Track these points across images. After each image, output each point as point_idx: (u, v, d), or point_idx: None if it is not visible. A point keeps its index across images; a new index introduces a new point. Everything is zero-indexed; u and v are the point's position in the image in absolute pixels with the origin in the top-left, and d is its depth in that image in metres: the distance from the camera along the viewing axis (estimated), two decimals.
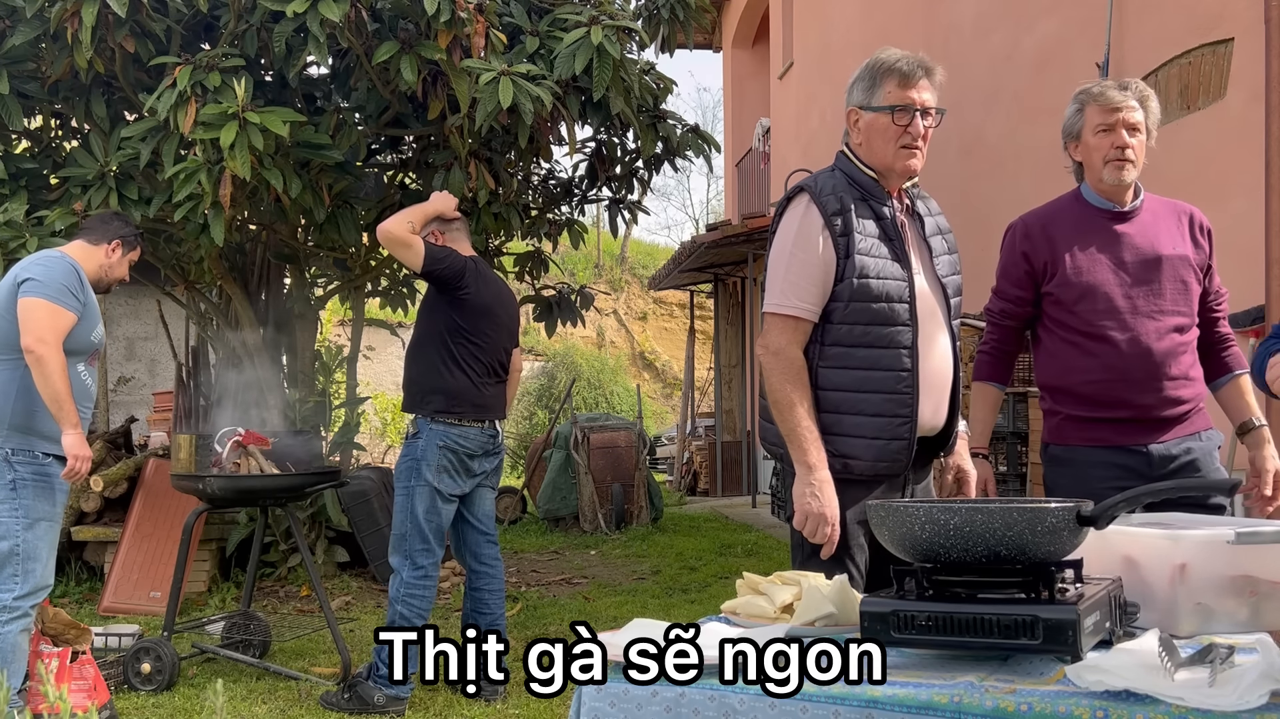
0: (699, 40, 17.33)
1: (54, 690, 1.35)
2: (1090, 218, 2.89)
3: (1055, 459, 2.93)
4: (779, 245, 2.57)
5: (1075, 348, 2.84)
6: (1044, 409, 2.99)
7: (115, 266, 4.25)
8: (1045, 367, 2.95)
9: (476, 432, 4.46)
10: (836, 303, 2.50)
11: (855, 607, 1.75)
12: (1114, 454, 2.81)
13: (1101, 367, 2.80)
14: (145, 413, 9.02)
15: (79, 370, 3.98)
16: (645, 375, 24.63)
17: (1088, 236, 2.87)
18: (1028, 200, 8.01)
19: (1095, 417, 2.82)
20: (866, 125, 2.57)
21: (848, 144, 2.64)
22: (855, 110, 2.59)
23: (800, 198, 2.56)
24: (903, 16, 9.39)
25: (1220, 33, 5.34)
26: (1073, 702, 1.38)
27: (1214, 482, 2.76)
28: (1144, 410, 2.79)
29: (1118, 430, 2.81)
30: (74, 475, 3.88)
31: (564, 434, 10.15)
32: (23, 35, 5.39)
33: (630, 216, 7.63)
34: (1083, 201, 2.93)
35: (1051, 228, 2.92)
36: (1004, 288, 2.99)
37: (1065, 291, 2.84)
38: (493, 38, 5.52)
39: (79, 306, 3.93)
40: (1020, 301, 2.96)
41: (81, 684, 4.05)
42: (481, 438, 4.49)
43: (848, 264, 2.49)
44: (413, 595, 4.33)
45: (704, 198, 45.26)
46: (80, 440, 3.86)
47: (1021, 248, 2.93)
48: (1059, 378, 2.89)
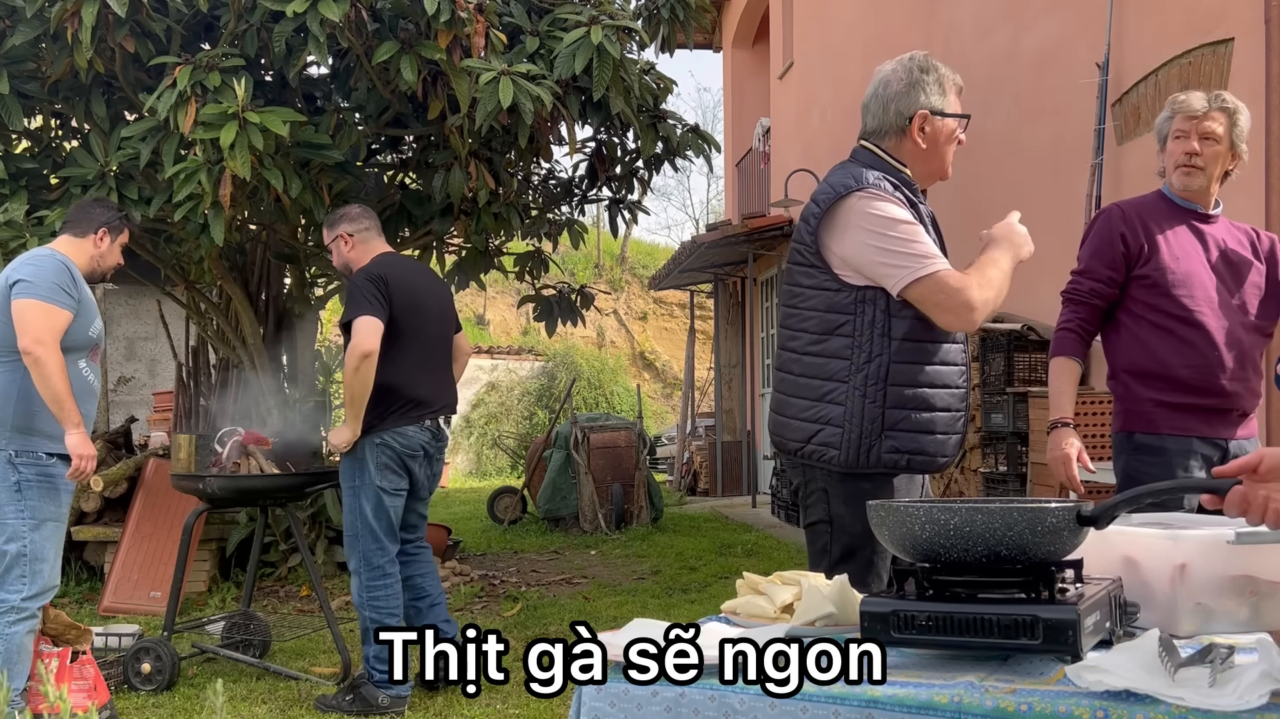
0: (699, 40, 17.32)
1: (54, 690, 1.35)
2: (1179, 214, 3.02)
3: (1142, 448, 2.96)
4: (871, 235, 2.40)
5: (1169, 333, 2.92)
6: (1121, 394, 3.01)
7: (106, 255, 4.17)
8: (1130, 351, 2.99)
9: (415, 429, 4.32)
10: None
11: (855, 607, 1.74)
12: (1200, 445, 2.91)
13: (1195, 352, 2.89)
14: (145, 413, 9.02)
15: (80, 367, 3.96)
16: (645, 375, 24.63)
17: (1179, 229, 2.99)
18: (1028, 200, 8.02)
19: (1189, 403, 2.90)
20: (936, 131, 2.53)
21: (877, 145, 2.56)
22: (926, 115, 2.51)
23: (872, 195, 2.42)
24: (903, 16, 9.39)
25: (1220, 33, 5.34)
26: (1073, 702, 1.38)
27: (1213, 482, 2.76)
28: (1231, 400, 2.90)
29: (1206, 420, 2.91)
30: (79, 475, 3.86)
31: (564, 434, 10.15)
32: (23, 35, 5.39)
33: (630, 216, 7.64)
34: (1168, 200, 3.05)
35: (1145, 215, 3.03)
36: (1095, 268, 3.06)
37: (1162, 276, 2.93)
38: (493, 38, 5.52)
39: (73, 303, 3.90)
40: (1111, 282, 3.03)
41: (81, 684, 4.05)
42: (420, 436, 4.34)
43: None
44: (376, 598, 4.28)
45: (704, 198, 45.26)
46: (84, 439, 3.84)
47: (1119, 229, 3.02)
48: (1152, 362, 2.94)
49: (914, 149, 2.54)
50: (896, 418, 2.43)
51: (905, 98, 2.52)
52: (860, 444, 2.43)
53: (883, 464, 2.43)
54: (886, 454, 2.42)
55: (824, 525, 2.48)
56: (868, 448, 2.42)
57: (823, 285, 2.48)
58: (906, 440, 2.44)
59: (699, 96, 53.90)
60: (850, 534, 2.44)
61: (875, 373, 2.42)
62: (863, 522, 2.41)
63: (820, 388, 2.47)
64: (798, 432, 2.50)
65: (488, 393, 19.14)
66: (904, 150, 2.55)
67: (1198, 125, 2.94)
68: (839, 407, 2.44)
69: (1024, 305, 6.78)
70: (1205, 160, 2.94)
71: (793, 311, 2.55)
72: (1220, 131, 2.94)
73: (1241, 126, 2.98)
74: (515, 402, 19.27)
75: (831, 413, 2.45)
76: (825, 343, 2.47)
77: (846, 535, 2.45)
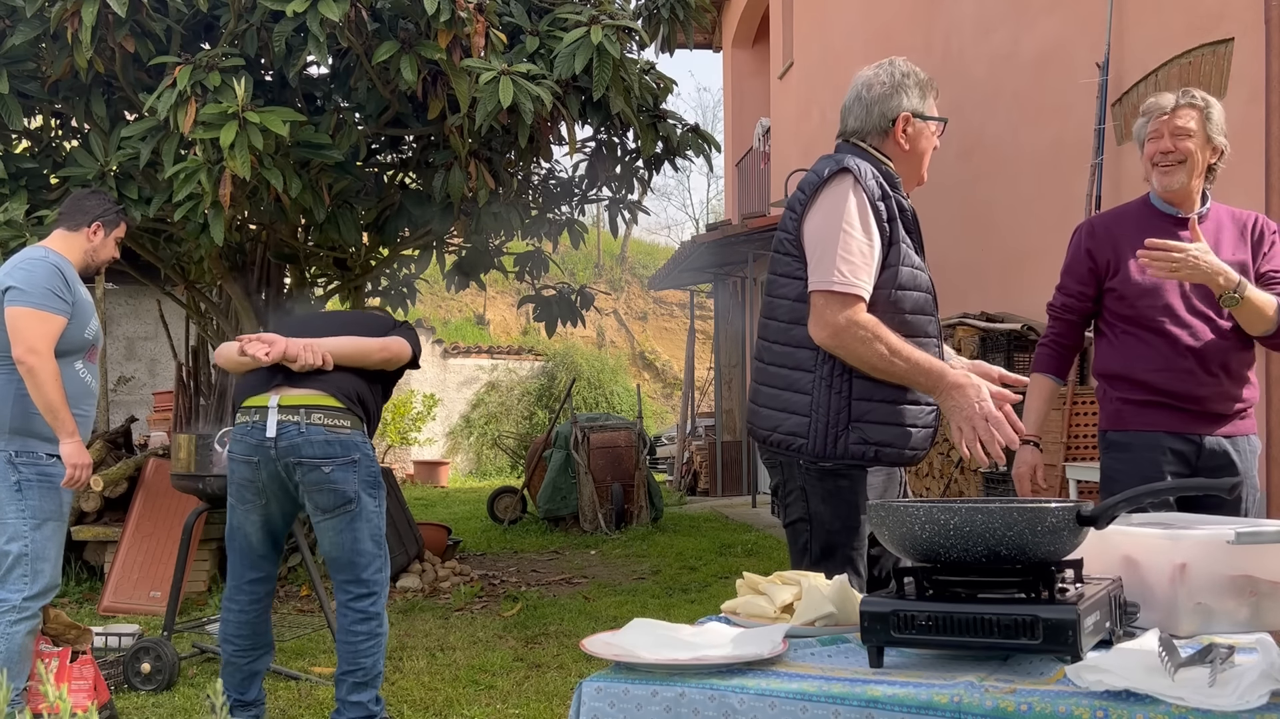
0: (699, 40, 17.32)
1: (54, 690, 1.35)
2: (1154, 221, 3.02)
3: (1113, 444, 3.05)
4: (825, 222, 2.44)
5: (1137, 339, 2.98)
6: (1101, 399, 3.11)
7: (100, 249, 4.08)
8: (1105, 357, 3.08)
9: (240, 428, 3.72)
10: (881, 290, 2.45)
11: (855, 607, 1.74)
12: (1169, 440, 2.94)
13: (1160, 356, 2.93)
14: (145, 413, 9.03)
15: (78, 369, 3.93)
16: (645, 375, 24.62)
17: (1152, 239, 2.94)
18: (1028, 200, 7.97)
19: (1152, 400, 2.95)
20: (918, 133, 2.58)
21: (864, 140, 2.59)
22: (909, 117, 2.56)
23: (843, 178, 2.45)
24: (903, 16, 9.39)
25: (1220, 33, 5.34)
26: (1073, 702, 1.38)
27: (1213, 482, 2.76)
28: (1200, 403, 2.92)
29: (1174, 416, 2.93)
30: (75, 483, 3.83)
31: (564, 434, 10.15)
32: (23, 35, 5.39)
33: (630, 216, 7.64)
34: (1150, 206, 3.08)
35: (1116, 228, 3.07)
36: (1067, 283, 3.15)
37: (1128, 288, 2.99)
38: (493, 37, 5.52)
39: (66, 308, 3.84)
40: (1081, 296, 3.11)
41: (81, 684, 4.05)
42: (244, 435, 3.68)
43: (892, 251, 2.47)
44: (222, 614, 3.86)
45: (704, 198, 45.27)
46: (78, 448, 3.80)
47: (1086, 245, 3.10)
48: (1120, 365, 3.02)
49: (896, 150, 2.58)
50: (863, 409, 2.46)
51: (889, 100, 2.57)
52: (827, 435, 2.45)
53: (850, 455, 2.45)
54: (854, 445, 2.44)
55: (804, 524, 2.51)
56: (834, 438, 2.45)
57: (795, 273, 2.51)
58: (874, 431, 2.45)
59: (699, 96, 53.88)
60: (829, 531, 2.47)
61: (841, 364, 2.45)
62: (841, 519, 2.46)
63: (788, 377, 2.51)
64: (766, 419, 2.54)
65: (488, 393, 19.14)
66: (886, 152, 2.59)
67: (1169, 123, 2.95)
68: (805, 396, 2.48)
69: (1024, 305, 6.78)
70: (1181, 155, 2.94)
71: (769, 299, 2.60)
72: (1193, 126, 2.94)
73: (1215, 119, 2.96)
74: (515, 401, 19.26)
75: (798, 402, 2.48)
76: (792, 331, 2.51)
77: (825, 533, 2.48)
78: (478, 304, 24.25)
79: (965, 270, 8.01)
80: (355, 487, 3.65)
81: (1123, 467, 2.97)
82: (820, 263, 2.42)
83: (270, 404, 3.61)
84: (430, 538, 7.93)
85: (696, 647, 1.68)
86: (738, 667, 1.59)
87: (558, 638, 5.52)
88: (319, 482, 3.60)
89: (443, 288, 9.79)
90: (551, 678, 4.65)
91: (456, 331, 22.18)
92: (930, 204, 9.19)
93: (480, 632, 5.72)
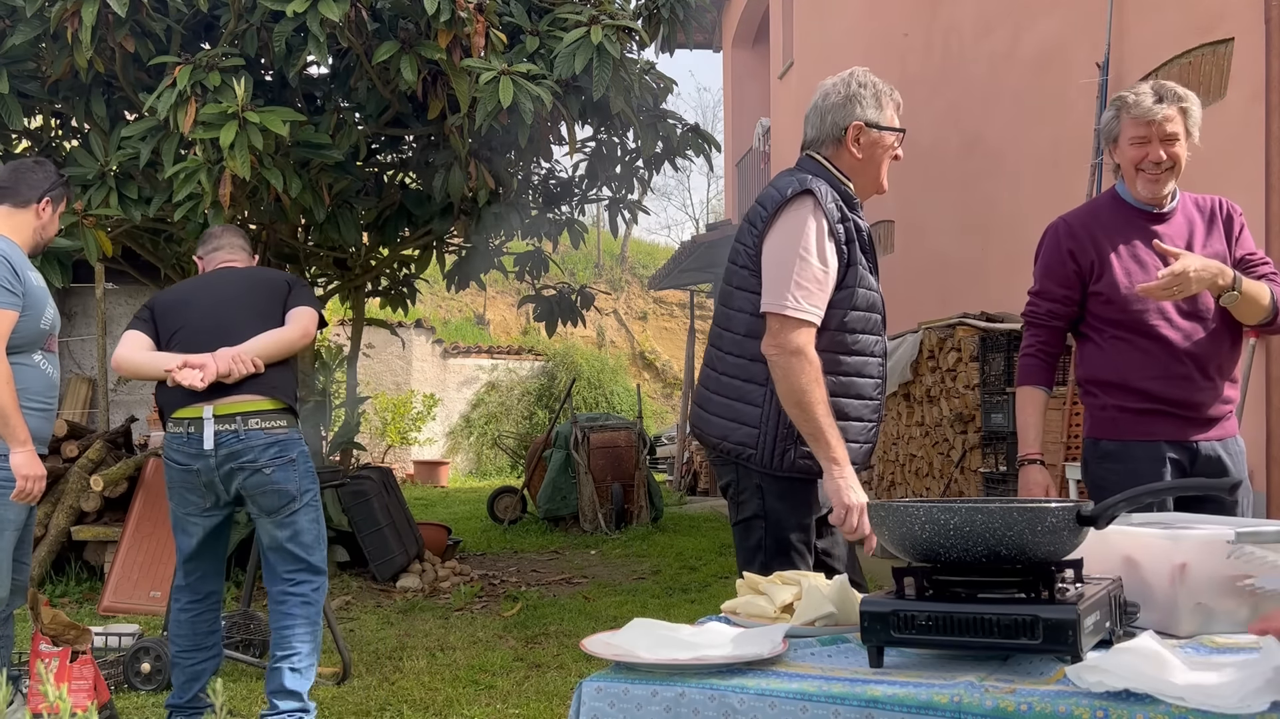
0: (699, 40, 17.33)
1: (54, 690, 1.35)
2: (1130, 218, 2.92)
3: (1107, 454, 2.90)
4: (784, 245, 2.51)
5: (1129, 345, 2.86)
6: (1089, 404, 2.97)
7: (49, 225, 3.74)
8: (1094, 361, 2.93)
9: (174, 437, 3.62)
10: (835, 310, 2.53)
11: (855, 607, 1.74)
12: (1166, 449, 2.84)
13: (1157, 363, 2.83)
14: (145, 413, 9.02)
15: (36, 360, 3.65)
16: (645, 375, 24.62)
17: (1131, 237, 2.90)
18: (1028, 200, 7.96)
19: (1151, 408, 2.84)
20: (872, 143, 2.62)
21: (819, 154, 2.65)
22: (861, 126, 2.60)
23: (805, 200, 2.52)
24: (903, 16, 9.39)
25: (1220, 33, 5.34)
26: (1073, 702, 1.38)
27: (1213, 482, 2.76)
28: (1197, 408, 2.83)
29: (1172, 424, 2.84)
30: (26, 497, 3.51)
31: (564, 434, 10.15)
32: (23, 35, 5.39)
33: (630, 216, 7.64)
34: (1120, 201, 2.96)
35: (1094, 227, 2.94)
36: (1049, 288, 2.98)
37: (1115, 292, 2.86)
38: (493, 37, 5.52)
39: (17, 301, 3.50)
40: (1067, 301, 2.95)
41: (81, 684, 4.05)
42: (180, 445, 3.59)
43: (850, 272, 2.54)
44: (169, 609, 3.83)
45: (704, 197, 45.22)
46: (30, 459, 3.48)
47: (1067, 246, 2.95)
48: (1112, 372, 2.88)
49: (851, 160, 2.63)
50: None
51: (841, 109, 2.62)
52: (774, 448, 2.53)
53: (797, 469, 2.54)
54: (800, 459, 2.53)
55: (759, 521, 2.58)
56: (782, 452, 2.53)
57: (753, 288, 2.57)
58: None
59: (699, 96, 53.94)
60: (784, 528, 2.55)
61: None
62: (796, 517, 2.56)
63: (740, 389, 2.59)
64: (716, 428, 2.61)
65: (488, 393, 19.14)
66: (842, 161, 2.64)
67: (1158, 130, 2.81)
68: (755, 408, 2.56)
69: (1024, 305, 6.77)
70: (1171, 162, 2.83)
71: (724, 309, 2.66)
72: (1180, 130, 2.84)
73: (1194, 115, 2.86)
74: (515, 401, 19.26)
75: (748, 413, 2.57)
76: (747, 345, 2.58)
77: (780, 529, 2.55)
78: (478, 304, 24.26)
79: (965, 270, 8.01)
80: (296, 484, 3.67)
81: (1118, 479, 2.82)
82: (775, 284, 2.50)
83: (205, 415, 3.55)
84: (430, 538, 7.94)
85: (696, 647, 1.68)
86: (738, 667, 1.60)
87: (558, 638, 5.52)
88: (261, 484, 3.60)
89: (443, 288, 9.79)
90: (551, 678, 4.65)
91: (456, 331, 22.18)
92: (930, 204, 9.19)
93: (480, 632, 5.72)
